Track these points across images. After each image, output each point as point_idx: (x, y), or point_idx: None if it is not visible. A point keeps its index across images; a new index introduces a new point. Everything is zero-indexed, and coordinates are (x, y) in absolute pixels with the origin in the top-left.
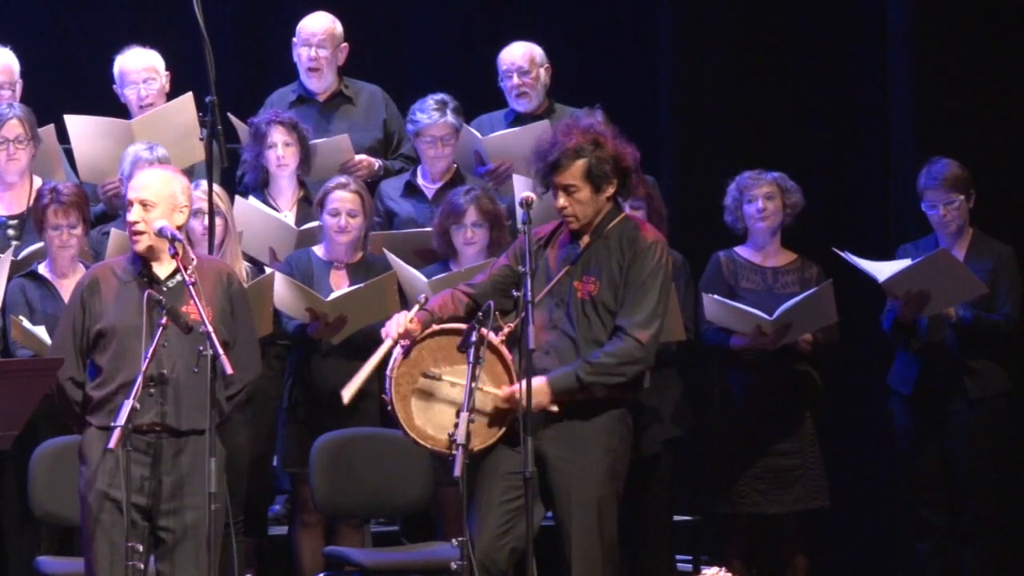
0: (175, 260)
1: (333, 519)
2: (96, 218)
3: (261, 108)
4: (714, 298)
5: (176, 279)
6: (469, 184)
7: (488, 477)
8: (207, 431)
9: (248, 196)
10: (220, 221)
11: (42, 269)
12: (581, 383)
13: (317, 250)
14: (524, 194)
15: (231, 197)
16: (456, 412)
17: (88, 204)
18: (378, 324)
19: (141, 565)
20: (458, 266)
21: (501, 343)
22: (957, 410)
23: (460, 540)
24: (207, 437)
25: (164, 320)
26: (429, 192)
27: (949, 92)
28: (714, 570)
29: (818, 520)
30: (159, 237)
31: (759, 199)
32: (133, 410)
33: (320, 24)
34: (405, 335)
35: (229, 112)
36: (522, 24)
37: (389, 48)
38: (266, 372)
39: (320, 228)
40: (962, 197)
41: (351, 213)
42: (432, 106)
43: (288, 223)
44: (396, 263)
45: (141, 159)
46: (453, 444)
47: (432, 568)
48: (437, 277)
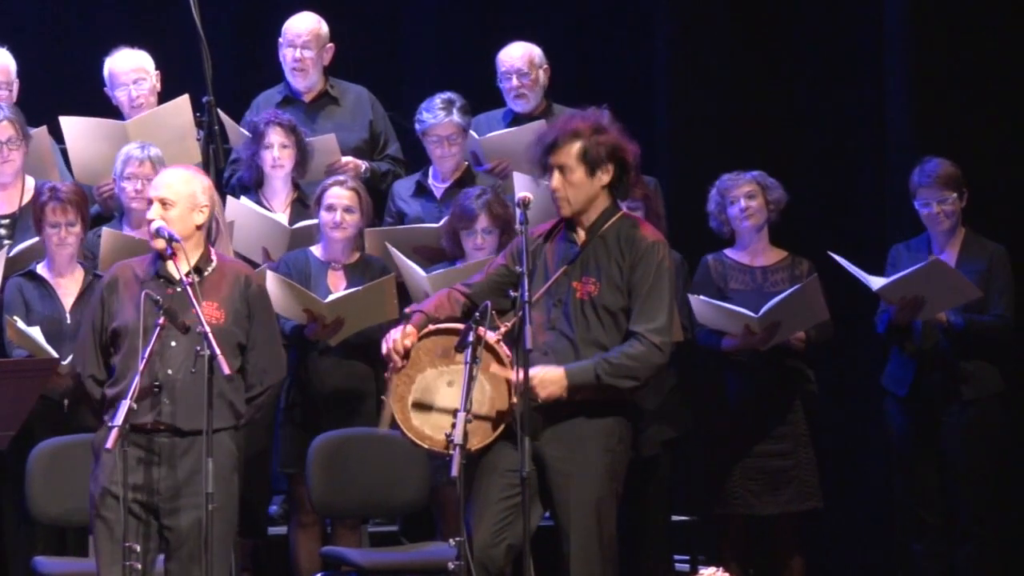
0: (172, 261)
1: (330, 519)
2: (92, 218)
3: (248, 111)
4: (701, 299)
5: (194, 278)
6: (479, 184)
7: (486, 474)
8: (204, 433)
9: (240, 196)
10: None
11: (40, 269)
12: (599, 380)
13: (314, 250)
14: (521, 194)
15: (221, 197)
16: (453, 412)
17: (87, 203)
18: (376, 326)
19: (139, 565)
20: (464, 265)
21: (497, 342)
22: (951, 411)
23: (457, 540)
24: (204, 439)
25: (161, 320)
26: (438, 192)
27: (944, 93)
28: (712, 570)
29: (814, 521)
30: (157, 237)
31: (740, 199)
32: (131, 410)
33: (305, 25)
34: (406, 354)
35: (223, 112)
36: (519, 24)
37: (388, 47)
38: None
39: (314, 227)
40: (955, 195)
41: (348, 209)
42: (438, 105)
43: (281, 222)
44: (396, 256)
45: (132, 158)
46: (450, 444)
47: (429, 568)
48: (436, 273)
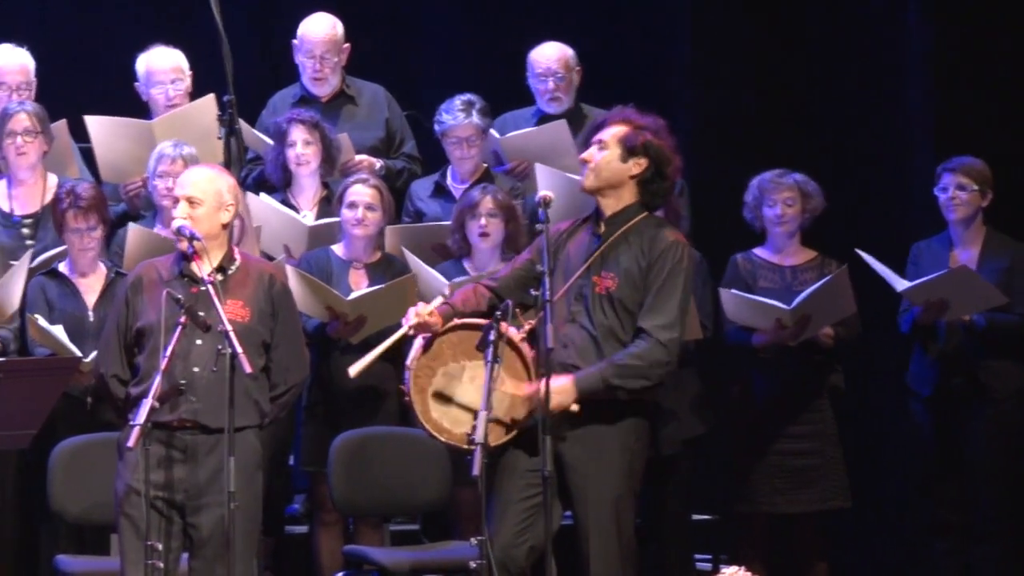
0: (194, 260)
1: (352, 518)
2: (118, 217)
3: (264, 110)
4: (732, 292)
5: (217, 278)
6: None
7: (507, 474)
8: (226, 431)
9: (259, 193)
10: (236, 220)
11: (62, 267)
12: (607, 384)
13: (336, 249)
14: (542, 193)
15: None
16: (473, 409)
17: (106, 204)
18: (397, 325)
19: (161, 564)
20: (471, 263)
21: (521, 340)
22: (974, 410)
23: (479, 539)
24: (226, 437)
25: (183, 319)
26: (457, 192)
27: (967, 92)
28: (733, 569)
29: (838, 520)
30: (178, 236)
31: (779, 204)
32: (153, 409)
33: (322, 32)
34: (421, 327)
35: (244, 113)
36: (539, 23)
37: (406, 45)
38: None
39: (334, 225)
40: (976, 188)
41: (369, 207)
42: (458, 107)
43: (299, 219)
44: (417, 265)
45: (165, 156)
46: (471, 443)
47: (451, 567)
48: (458, 280)
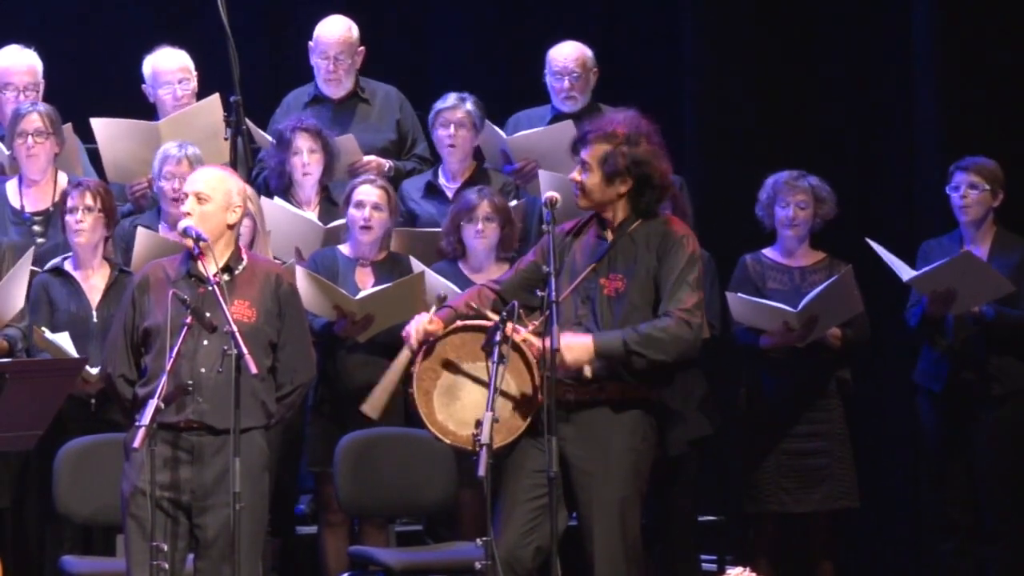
0: (200, 260)
1: (358, 518)
2: (123, 217)
3: (277, 109)
4: (739, 296)
5: (224, 278)
6: (491, 183)
7: (513, 475)
8: (231, 432)
9: (273, 196)
10: (249, 221)
11: (67, 265)
12: (627, 349)
13: (343, 248)
14: (548, 194)
15: None
16: (478, 410)
17: (111, 196)
18: (405, 323)
19: (166, 564)
20: (466, 264)
21: (523, 341)
22: (983, 407)
23: (484, 540)
24: (231, 438)
25: (188, 319)
26: (449, 192)
27: (973, 90)
28: (739, 570)
29: (845, 520)
30: (184, 236)
31: (791, 206)
32: (158, 409)
33: (336, 34)
34: (424, 337)
35: (250, 113)
36: (547, 25)
37: (415, 50)
38: None
39: (346, 227)
40: (988, 187)
41: (376, 207)
42: (453, 95)
43: (314, 221)
44: (419, 269)
45: (170, 156)
46: (477, 444)
47: (456, 568)
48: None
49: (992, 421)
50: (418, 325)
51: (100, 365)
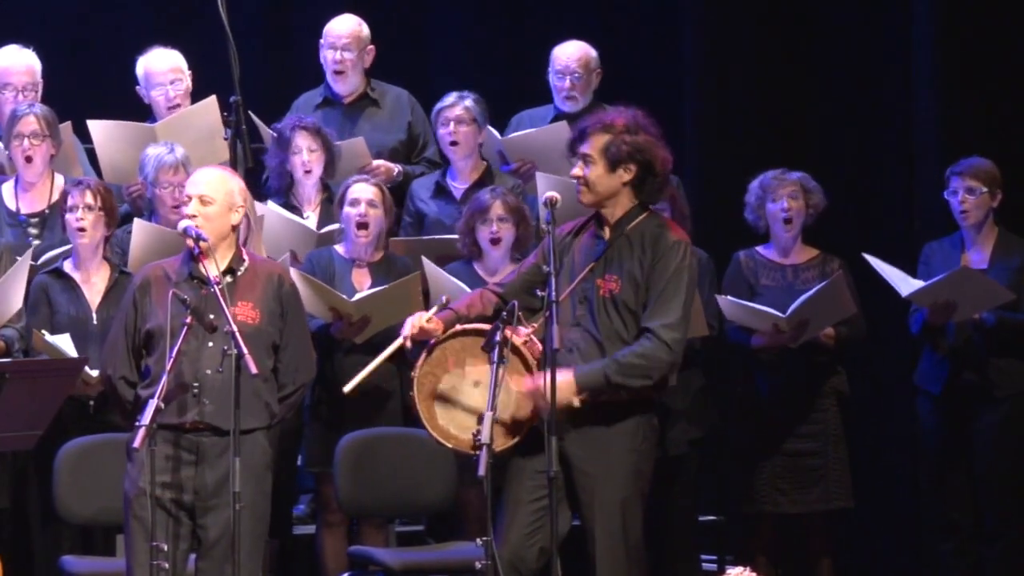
0: (200, 260)
1: (357, 519)
2: (122, 218)
3: (288, 111)
4: (728, 299)
5: (227, 279)
6: (498, 184)
7: (516, 475)
8: (232, 432)
9: (267, 200)
10: (244, 219)
11: (67, 266)
12: (608, 382)
13: (339, 248)
14: (548, 194)
15: (255, 196)
16: (479, 412)
17: (112, 195)
18: (401, 324)
19: (166, 564)
20: (481, 265)
21: (524, 344)
22: (983, 409)
23: (484, 539)
24: (232, 438)
25: (188, 319)
26: (457, 192)
27: (973, 92)
28: (739, 570)
29: (843, 521)
30: (185, 236)
31: (783, 198)
32: (158, 410)
33: (346, 27)
34: (421, 334)
35: (252, 113)
36: (547, 24)
37: (413, 50)
38: None
39: (340, 231)
40: (985, 189)
41: (371, 203)
42: (453, 93)
43: (308, 226)
44: (433, 270)
45: (165, 164)
46: (477, 444)
47: (457, 568)
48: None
49: (992, 422)
50: (415, 320)
51: (99, 367)
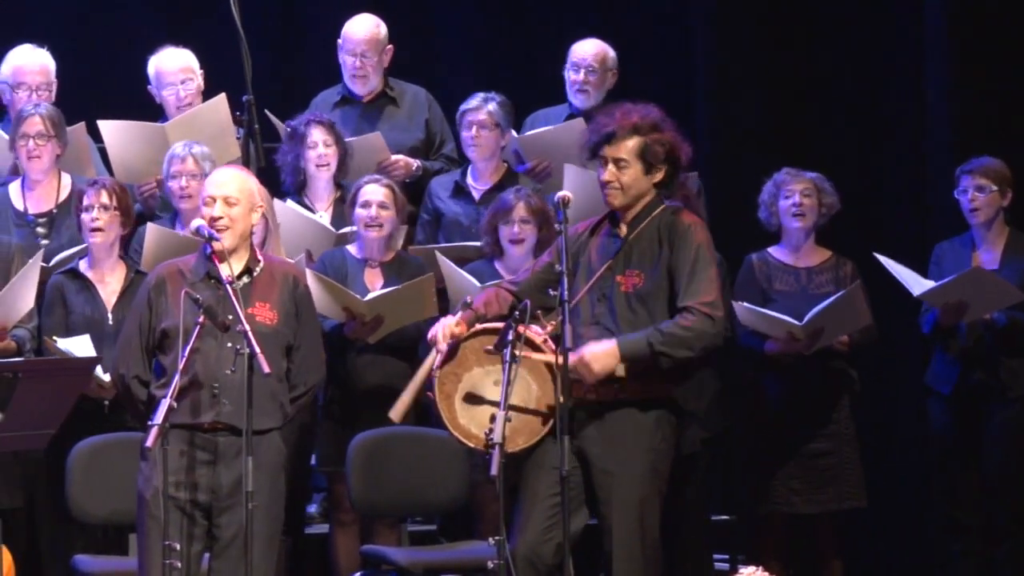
0: (213, 259)
1: (370, 518)
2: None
3: (306, 110)
4: (744, 306)
5: (243, 280)
6: (520, 186)
7: (534, 471)
8: (244, 432)
9: (285, 199)
10: (261, 220)
11: (82, 266)
12: (652, 350)
13: (351, 249)
14: (560, 193)
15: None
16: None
17: (127, 194)
18: (414, 325)
19: (179, 564)
20: (503, 264)
21: (544, 342)
22: (993, 409)
23: (497, 539)
24: (244, 438)
25: (201, 319)
26: (477, 193)
27: (984, 92)
28: (751, 569)
29: (854, 520)
30: (197, 236)
31: (796, 194)
32: (171, 409)
33: (364, 31)
34: (453, 341)
35: (265, 110)
36: (556, 24)
37: (422, 48)
38: None
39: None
40: (995, 188)
41: (382, 205)
42: (479, 95)
43: (327, 226)
44: (450, 269)
45: (175, 156)
46: (490, 443)
47: (470, 567)
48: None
49: (1003, 423)
50: (444, 328)
51: (111, 366)
